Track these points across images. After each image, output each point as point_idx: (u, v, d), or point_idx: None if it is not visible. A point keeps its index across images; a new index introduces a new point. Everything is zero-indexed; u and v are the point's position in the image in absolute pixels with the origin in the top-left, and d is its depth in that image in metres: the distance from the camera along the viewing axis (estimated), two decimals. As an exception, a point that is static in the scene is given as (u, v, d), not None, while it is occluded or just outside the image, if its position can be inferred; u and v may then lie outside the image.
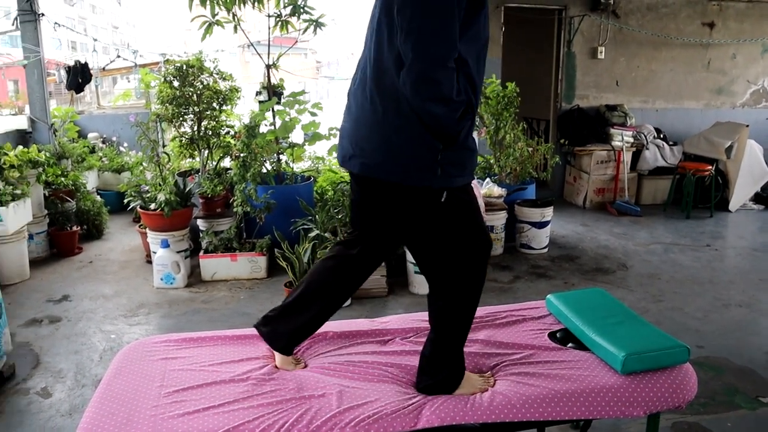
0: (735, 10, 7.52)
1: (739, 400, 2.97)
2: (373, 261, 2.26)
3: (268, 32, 5.21)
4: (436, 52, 1.72)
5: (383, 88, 1.87)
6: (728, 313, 4.07)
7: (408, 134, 1.84)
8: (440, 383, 2.01)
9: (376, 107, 1.88)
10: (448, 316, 2.04)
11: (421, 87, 1.74)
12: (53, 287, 4.58)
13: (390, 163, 1.88)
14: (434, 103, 1.76)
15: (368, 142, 1.92)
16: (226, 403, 1.93)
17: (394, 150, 1.87)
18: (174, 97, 5.24)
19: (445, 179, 1.88)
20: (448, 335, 2.05)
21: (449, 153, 1.86)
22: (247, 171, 4.75)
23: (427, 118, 1.79)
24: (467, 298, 2.04)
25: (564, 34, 7.26)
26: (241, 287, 4.55)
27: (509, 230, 5.41)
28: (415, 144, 1.84)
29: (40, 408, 2.92)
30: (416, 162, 1.86)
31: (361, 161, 1.95)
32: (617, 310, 2.41)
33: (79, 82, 7.71)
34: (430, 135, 1.83)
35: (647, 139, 7.15)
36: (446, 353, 2.04)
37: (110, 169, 7.06)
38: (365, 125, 1.93)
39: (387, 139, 1.87)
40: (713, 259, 5.26)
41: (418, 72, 1.73)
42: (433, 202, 1.91)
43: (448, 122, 1.80)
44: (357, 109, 1.97)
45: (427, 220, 1.96)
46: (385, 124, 1.87)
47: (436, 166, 1.85)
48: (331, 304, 2.24)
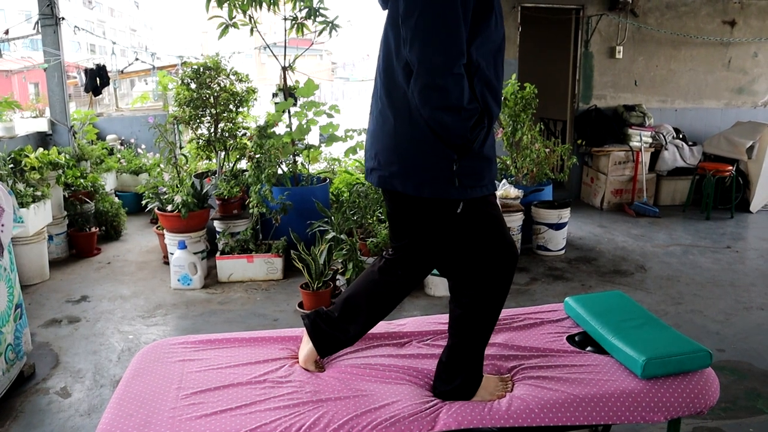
0: (757, 7, 7.41)
1: (761, 404, 2.91)
2: (417, 274, 2.20)
3: (284, 34, 5.23)
4: (439, 59, 1.68)
5: (394, 100, 1.85)
6: (750, 316, 4.00)
7: (422, 145, 1.81)
8: (456, 390, 1.99)
9: (388, 119, 1.87)
10: (467, 324, 2.01)
11: (429, 96, 1.71)
12: (72, 288, 4.63)
13: (405, 175, 1.86)
14: (443, 111, 1.72)
15: (384, 154, 1.90)
16: (243, 406, 1.94)
17: (408, 161, 1.84)
18: (191, 99, 5.27)
19: (461, 190, 1.84)
20: (467, 344, 2.02)
21: (465, 163, 1.81)
22: (261, 172, 4.77)
23: (438, 128, 1.76)
24: (488, 309, 2.01)
25: (581, 34, 7.20)
26: (257, 288, 4.57)
27: (526, 232, 5.37)
28: (429, 155, 1.81)
29: (59, 408, 2.95)
30: (431, 173, 1.82)
31: (379, 174, 1.94)
32: (637, 313, 2.38)
33: (97, 84, 7.79)
34: (443, 145, 1.79)
35: (666, 139, 7.07)
36: (463, 361, 2.01)
37: (128, 171, 7.13)
38: (381, 138, 1.92)
39: (401, 151, 1.85)
40: (734, 261, 5.19)
41: (424, 81, 1.70)
42: (449, 214, 1.88)
43: (459, 131, 1.76)
44: (373, 121, 1.97)
45: (445, 232, 1.94)
46: (398, 135, 1.84)
47: (453, 176, 1.81)
48: (375, 316, 2.21)
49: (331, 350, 2.21)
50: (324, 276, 4.15)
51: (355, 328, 2.18)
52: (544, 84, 6.46)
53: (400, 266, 2.14)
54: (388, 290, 2.17)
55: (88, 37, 25.23)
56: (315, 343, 2.17)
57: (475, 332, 2.02)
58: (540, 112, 6.44)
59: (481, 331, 2.03)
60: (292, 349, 2.33)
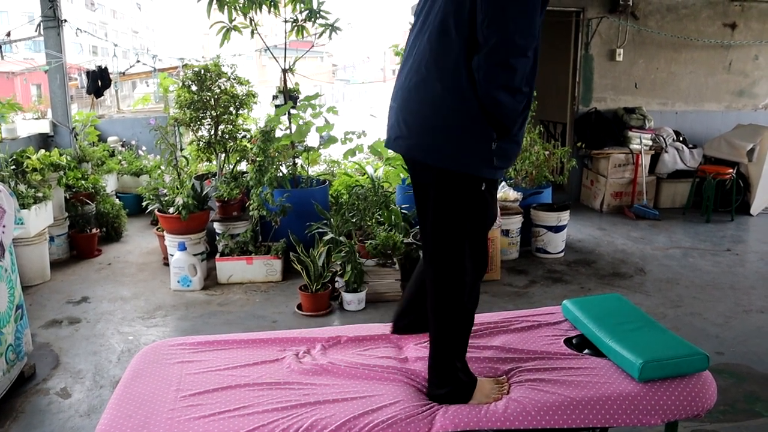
0: (758, 10, 7.41)
1: (760, 408, 2.92)
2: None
3: (285, 37, 5.24)
4: (520, 40, 1.71)
5: (445, 69, 1.82)
6: (749, 319, 4.00)
7: (465, 119, 1.81)
8: (450, 394, 2.00)
9: (434, 86, 1.83)
10: (439, 326, 2.03)
11: (498, 73, 1.73)
12: (73, 289, 4.64)
13: (440, 147, 1.85)
14: (505, 91, 1.75)
15: (417, 121, 1.88)
16: (242, 407, 1.95)
17: (446, 132, 1.83)
18: (192, 102, 5.28)
19: (492, 170, 1.88)
20: (443, 347, 2.03)
21: (502, 143, 1.85)
22: (263, 175, 4.78)
23: (492, 106, 1.77)
24: (453, 305, 2.01)
25: (581, 36, 7.21)
26: (256, 290, 4.58)
27: (525, 234, 5.38)
28: (471, 131, 1.82)
29: (59, 408, 2.96)
30: (471, 149, 1.83)
31: (408, 142, 1.92)
32: (635, 315, 2.38)
33: (99, 86, 7.81)
34: (487, 123, 1.80)
35: (666, 141, 7.07)
36: (445, 367, 2.02)
37: (129, 173, 7.15)
38: (416, 107, 1.89)
39: (441, 120, 1.83)
40: (734, 263, 5.19)
41: (499, 58, 1.72)
42: (474, 190, 1.90)
43: (511, 112, 1.80)
44: (406, 91, 1.92)
45: (454, 207, 1.93)
46: (442, 104, 1.82)
47: (491, 155, 1.83)
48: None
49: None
50: (323, 278, 4.16)
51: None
52: (544, 86, 6.47)
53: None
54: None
55: (90, 39, 25.27)
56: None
57: (448, 334, 2.02)
58: (540, 115, 6.44)
59: (453, 333, 2.03)
60: (290, 351, 2.34)
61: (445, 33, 1.82)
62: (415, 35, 1.95)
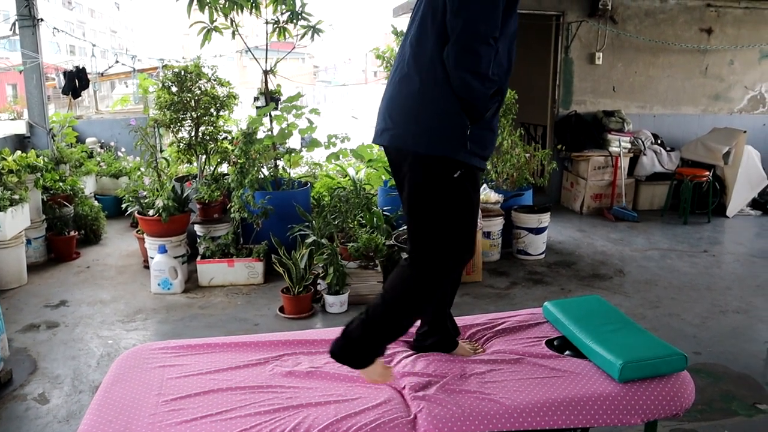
0: (732, 16, 7.55)
1: (736, 406, 2.97)
2: None
3: (266, 38, 5.22)
4: (481, 28, 1.88)
5: (422, 64, 1.99)
6: (725, 320, 4.07)
7: (442, 106, 1.96)
8: (348, 346, 2.05)
9: (413, 80, 2.00)
10: (402, 291, 2.07)
11: (465, 57, 1.89)
12: (51, 292, 4.58)
13: (419, 133, 1.98)
14: (472, 75, 1.90)
15: (400, 114, 2.03)
16: (224, 411, 1.94)
17: (425, 119, 1.98)
18: (172, 103, 5.24)
19: (468, 155, 1.98)
20: (388, 310, 2.07)
21: (476, 129, 1.98)
22: (245, 177, 4.76)
23: (463, 90, 1.92)
24: (426, 281, 2.06)
25: (562, 40, 7.28)
26: (238, 293, 4.55)
27: (506, 236, 5.41)
28: (446, 116, 1.96)
29: (37, 414, 2.92)
30: (446, 134, 1.97)
31: (391, 133, 2.06)
32: (614, 317, 2.41)
33: (76, 87, 7.71)
34: (461, 110, 1.94)
35: (645, 144, 7.16)
36: (377, 324, 2.06)
37: (108, 174, 7.07)
38: (399, 100, 2.05)
39: (421, 109, 1.98)
40: (710, 265, 5.27)
41: (463, 43, 1.88)
42: (447, 176, 1.99)
43: (480, 96, 1.94)
44: (391, 88, 2.09)
45: (435, 194, 2.02)
46: (421, 95, 1.98)
47: (465, 140, 1.97)
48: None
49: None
50: (305, 280, 4.15)
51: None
52: (524, 89, 6.52)
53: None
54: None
55: (67, 38, 24.95)
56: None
57: (402, 303, 2.07)
58: (520, 117, 6.49)
59: (406, 306, 2.08)
60: (273, 354, 2.33)
61: (423, 32, 2.01)
62: (404, 38, 2.14)
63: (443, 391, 2.04)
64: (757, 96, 7.93)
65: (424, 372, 2.17)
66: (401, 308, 2.08)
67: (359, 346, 2.06)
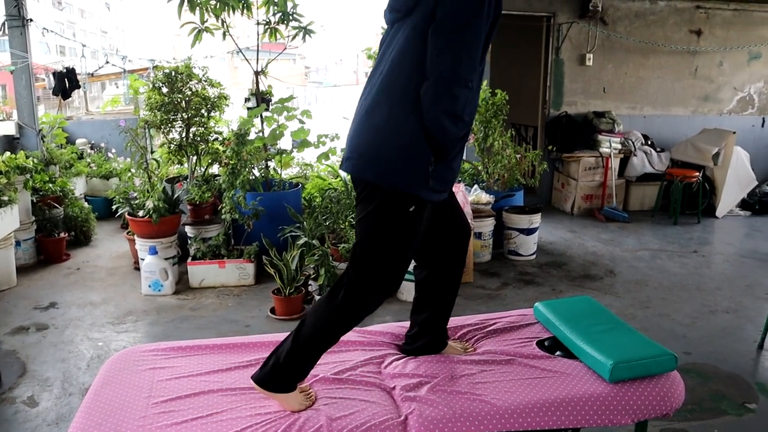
0: (721, 18, 7.60)
1: (725, 406, 2.99)
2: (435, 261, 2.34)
3: (257, 39, 5.21)
4: (462, 71, 1.89)
5: (393, 97, 1.97)
6: (715, 320, 4.10)
7: (409, 141, 1.94)
8: (270, 372, 2.01)
9: (382, 111, 1.98)
10: (326, 313, 2.06)
11: (442, 99, 1.89)
12: (40, 294, 4.54)
13: (382, 166, 1.97)
14: (448, 117, 1.91)
15: (366, 143, 2.01)
16: (215, 414, 1.93)
17: (390, 153, 1.96)
18: (163, 104, 5.22)
19: (427, 191, 1.99)
20: (310, 334, 2.05)
21: (438, 167, 1.98)
22: (236, 178, 4.75)
23: (436, 130, 1.92)
24: (353, 305, 2.05)
25: (552, 41, 7.31)
26: (229, 294, 4.54)
27: (497, 237, 5.42)
28: (412, 151, 1.95)
29: (26, 417, 2.89)
30: (409, 168, 1.95)
31: (354, 162, 2.04)
32: (605, 317, 2.42)
33: (66, 87, 7.67)
34: (427, 146, 1.94)
35: (635, 145, 7.20)
36: (301, 349, 2.03)
37: (98, 176, 7.02)
38: (366, 129, 2.02)
39: (387, 142, 1.97)
40: (700, 265, 5.30)
41: (443, 85, 1.88)
42: (403, 209, 1.99)
43: (452, 138, 1.95)
44: (360, 117, 2.06)
45: (389, 224, 2.01)
46: (388, 128, 1.96)
47: (427, 176, 1.96)
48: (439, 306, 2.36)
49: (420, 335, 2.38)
50: (296, 281, 4.15)
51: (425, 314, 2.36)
52: (515, 90, 6.54)
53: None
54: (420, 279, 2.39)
55: (57, 38, 24.80)
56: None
57: (326, 327, 2.06)
58: (511, 118, 6.51)
59: (328, 330, 2.07)
60: (264, 356, 2.32)
61: (398, 64, 1.98)
62: (375, 66, 2.11)
63: (434, 392, 2.04)
64: (746, 97, 7.99)
65: (415, 373, 2.17)
66: (323, 332, 2.06)
67: (284, 372, 2.01)
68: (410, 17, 1.99)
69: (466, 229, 2.35)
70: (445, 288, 2.36)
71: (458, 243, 2.32)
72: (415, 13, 1.97)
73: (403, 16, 2.02)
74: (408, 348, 2.39)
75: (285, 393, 2.00)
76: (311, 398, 2.04)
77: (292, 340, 2.05)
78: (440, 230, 2.25)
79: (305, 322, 2.07)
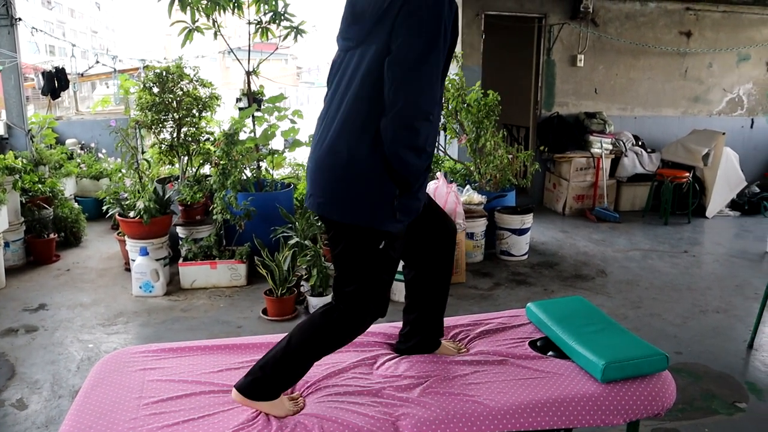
0: (711, 19, 7.66)
1: (716, 405, 3.00)
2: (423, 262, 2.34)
3: (249, 39, 5.20)
4: (423, 105, 1.84)
5: (351, 133, 1.91)
6: (706, 319, 4.12)
7: (371, 178, 1.90)
8: (253, 381, 1.98)
9: (341, 151, 1.92)
10: (316, 332, 2.05)
11: (404, 133, 1.84)
12: (30, 296, 4.51)
13: (346, 205, 1.93)
14: (410, 151, 1.86)
15: (328, 183, 1.96)
16: (207, 416, 1.92)
17: (353, 191, 1.92)
18: (153, 104, 5.19)
19: (394, 225, 1.95)
20: (298, 350, 2.03)
21: (403, 200, 1.94)
22: (227, 179, 4.73)
23: (399, 164, 1.87)
24: (342, 327, 2.05)
25: (544, 42, 7.33)
26: (220, 295, 4.52)
27: (489, 237, 5.43)
28: (375, 188, 1.90)
29: (15, 420, 2.87)
30: (374, 206, 1.91)
31: (319, 201, 2.00)
32: (597, 317, 2.43)
33: (56, 87, 7.62)
34: (389, 180, 1.90)
35: (626, 146, 7.23)
36: (286, 361, 2.02)
37: (88, 176, 6.98)
38: (326, 168, 1.96)
39: (349, 181, 1.92)
40: (691, 265, 5.33)
41: (403, 120, 1.83)
42: (373, 246, 1.97)
43: (416, 171, 1.91)
44: (318, 155, 2.00)
45: (362, 257, 2.00)
46: (349, 167, 1.91)
47: (393, 210, 1.93)
48: (428, 304, 2.36)
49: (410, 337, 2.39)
50: (288, 282, 4.13)
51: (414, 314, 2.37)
52: (507, 91, 6.55)
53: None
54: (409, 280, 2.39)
55: (46, 38, 24.63)
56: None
57: (313, 344, 2.04)
58: (503, 119, 6.53)
59: (317, 347, 2.05)
60: (255, 357, 2.31)
61: (355, 97, 1.92)
62: (330, 98, 2.05)
63: (426, 393, 2.04)
64: (735, 98, 8.04)
65: (407, 374, 2.17)
66: (315, 348, 2.05)
67: (270, 382, 1.99)
68: (362, 47, 1.94)
69: (450, 227, 2.33)
70: (434, 287, 2.35)
71: (443, 241, 2.31)
72: (367, 44, 1.92)
73: (356, 45, 1.97)
74: (402, 347, 2.38)
75: (269, 401, 1.97)
76: (299, 405, 2.03)
77: (282, 352, 2.02)
78: (423, 231, 2.23)
79: (297, 335, 2.04)
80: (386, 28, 1.87)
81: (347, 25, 2.03)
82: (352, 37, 1.98)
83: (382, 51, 1.87)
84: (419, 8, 1.83)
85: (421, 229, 2.21)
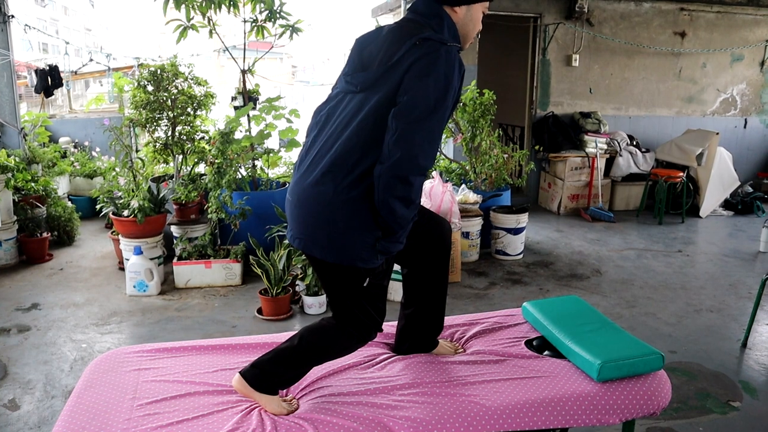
0: (705, 20, 7.68)
1: (710, 404, 3.01)
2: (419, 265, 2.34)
3: (244, 37, 5.17)
4: (421, 161, 1.84)
5: (340, 172, 1.89)
6: (700, 318, 4.13)
7: (355, 220, 1.90)
8: (260, 373, 2.01)
9: (326, 188, 1.90)
10: (308, 344, 2.07)
11: (397, 185, 1.84)
12: (22, 295, 4.48)
13: (328, 243, 1.93)
14: (401, 202, 1.86)
15: (311, 221, 1.95)
16: (201, 416, 1.91)
17: (336, 231, 1.91)
18: (148, 102, 5.17)
19: (376, 262, 1.97)
20: (296, 354, 2.05)
21: (386, 242, 1.94)
22: (222, 178, 4.71)
23: (386, 213, 1.87)
24: (345, 341, 2.09)
25: (539, 42, 7.34)
26: (215, 294, 4.50)
27: (484, 236, 5.43)
28: (359, 231, 1.91)
29: (7, 421, 2.85)
30: (356, 247, 1.92)
31: (301, 238, 2.00)
32: (592, 317, 2.43)
33: (49, 85, 7.58)
34: (374, 224, 1.90)
35: (620, 145, 7.25)
36: (290, 359, 2.05)
37: (82, 175, 6.95)
38: (310, 204, 1.95)
39: (332, 221, 1.91)
40: (685, 264, 5.35)
41: (401, 173, 1.82)
42: (357, 283, 2.00)
43: (403, 220, 1.91)
44: (302, 189, 1.98)
45: (350, 289, 2.02)
46: (333, 206, 1.90)
47: (375, 251, 1.94)
48: (424, 304, 2.36)
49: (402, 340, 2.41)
50: (283, 282, 4.12)
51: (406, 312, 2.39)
52: (502, 90, 6.56)
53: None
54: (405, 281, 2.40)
55: (39, 36, 24.51)
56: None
57: (315, 350, 2.08)
58: (498, 118, 6.52)
59: (317, 354, 2.09)
60: (251, 357, 2.30)
61: (349, 140, 1.90)
62: (317, 135, 2.02)
63: (422, 394, 2.03)
64: (728, 98, 8.07)
65: (404, 374, 2.16)
66: (313, 353, 2.08)
67: (273, 375, 2.03)
68: (365, 93, 1.93)
69: (445, 229, 2.32)
70: (431, 285, 2.34)
71: (438, 245, 2.30)
72: (370, 92, 1.91)
73: (358, 90, 1.95)
74: (399, 346, 2.38)
75: (268, 395, 1.99)
76: (293, 406, 2.04)
77: (291, 350, 2.04)
78: (417, 238, 2.22)
79: (307, 336, 2.06)
80: (393, 80, 1.87)
81: (353, 70, 2.02)
82: (357, 83, 1.97)
83: (385, 101, 1.87)
84: (432, 68, 1.84)
85: (416, 236, 2.19)
